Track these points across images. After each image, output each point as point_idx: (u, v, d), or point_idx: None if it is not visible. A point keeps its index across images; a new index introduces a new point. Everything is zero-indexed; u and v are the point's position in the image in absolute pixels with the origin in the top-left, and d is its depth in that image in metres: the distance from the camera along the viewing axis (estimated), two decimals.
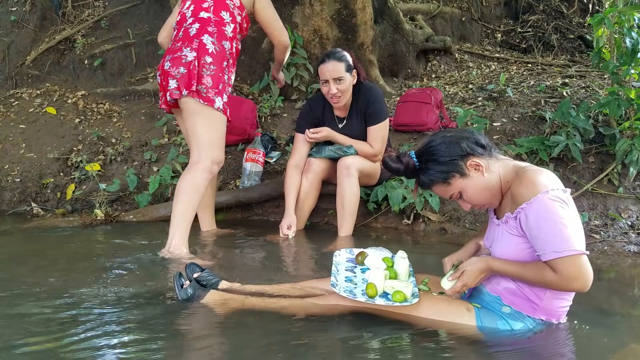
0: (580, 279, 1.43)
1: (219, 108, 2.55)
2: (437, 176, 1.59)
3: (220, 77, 2.56)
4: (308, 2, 4.19)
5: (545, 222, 1.43)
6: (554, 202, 1.44)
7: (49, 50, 4.75)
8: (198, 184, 2.49)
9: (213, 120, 2.55)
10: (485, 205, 1.65)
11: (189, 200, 2.47)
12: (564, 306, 1.61)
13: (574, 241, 1.42)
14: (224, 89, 2.59)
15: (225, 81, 2.60)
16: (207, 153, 2.53)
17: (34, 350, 1.50)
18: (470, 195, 1.60)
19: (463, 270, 1.61)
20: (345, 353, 1.58)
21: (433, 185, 1.62)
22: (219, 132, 2.58)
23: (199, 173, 2.50)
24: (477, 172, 1.58)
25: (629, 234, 2.93)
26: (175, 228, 2.43)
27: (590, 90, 3.98)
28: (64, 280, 2.11)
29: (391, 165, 1.64)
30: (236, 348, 1.61)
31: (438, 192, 1.65)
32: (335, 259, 1.96)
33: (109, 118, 4.18)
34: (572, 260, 1.42)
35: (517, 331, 1.61)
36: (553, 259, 1.43)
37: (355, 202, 2.85)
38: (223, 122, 2.60)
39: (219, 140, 2.59)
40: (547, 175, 1.51)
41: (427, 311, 1.65)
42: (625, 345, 1.70)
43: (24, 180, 3.70)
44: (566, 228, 1.43)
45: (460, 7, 6.13)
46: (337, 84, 2.79)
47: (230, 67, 2.70)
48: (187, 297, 1.79)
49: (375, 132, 2.89)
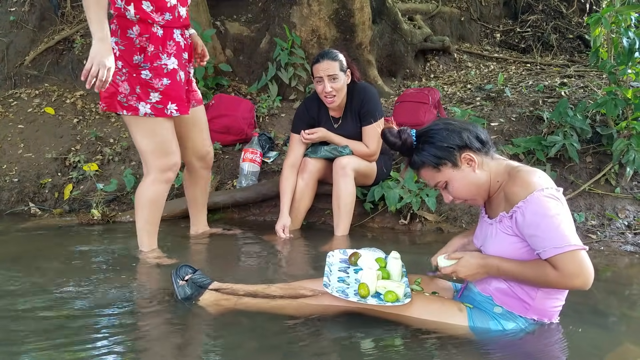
0: (582, 275, 1.42)
1: (147, 114, 2.26)
2: (429, 159, 1.59)
3: (135, 77, 2.24)
4: (306, 2, 4.19)
5: (542, 220, 1.43)
6: (549, 200, 1.44)
7: (48, 50, 4.75)
8: (148, 197, 2.39)
9: (146, 128, 2.30)
10: (467, 201, 1.65)
11: (142, 214, 2.42)
12: (556, 306, 1.61)
13: (572, 237, 1.42)
14: (144, 89, 2.26)
15: (144, 80, 2.25)
16: (151, 164, 2.35)
17: (31, 350, 1.51)
18: (456, 188, 1.60)
19: (461, 257, 1.60)
20: (337, 353, 1.58)
21: (423, 167, 1.62)
22: (157, 138, 2.32)
23: (149, 186, 2.39)
24: (469, 166, 1.58)
25: (626, 234, 2.92)
26: (139, 242, 2.46)
27: (588, 90, 3.97)
28: (61, 280, 2.12)
29: (389, 138, 1.63)
30: (229, 348, 1.62)
31: (425, 177, 1.65)
32: (329, 259, 1.96)
33: (107, 118, 4.19)
34: (573, 255, 1.42)
35: (509, 331, 1.60)
36: (554, 256, 1.42)
37: (351, 201, 2.85)
38: (160, 124, 2.31)
39: (161, 145, 2.33)
40: (540, 175, 1.52)
41: (419, 311, 1.65)
42: (620, 345, 1.70)
43: (21, 180, 3.71)
44: (564, 224, 1.43)
45: (459, 7, 6.12)
46: (332, 82, 2.79)
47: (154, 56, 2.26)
48: (186, 297, 1.80)
49: (370, 131, 2.89)
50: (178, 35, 2.34)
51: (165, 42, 2.28)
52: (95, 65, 2.00)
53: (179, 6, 2.32)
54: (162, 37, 2.27)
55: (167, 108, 2.29)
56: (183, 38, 2.38)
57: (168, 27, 2.29)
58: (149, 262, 2.37)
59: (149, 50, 2.24)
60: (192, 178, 2.75)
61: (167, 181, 2.41)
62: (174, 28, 2.31)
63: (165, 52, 2.28)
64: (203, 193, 2.83)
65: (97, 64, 2.00)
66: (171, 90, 2.30)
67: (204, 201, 2.87)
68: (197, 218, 2.87)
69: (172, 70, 2.30)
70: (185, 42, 2.40)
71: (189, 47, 2.45)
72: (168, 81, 2.29)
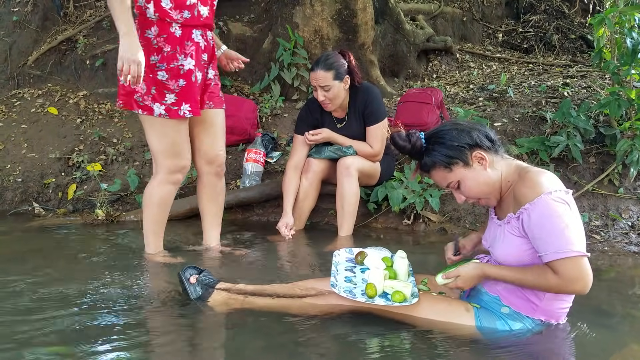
0: (581, 280, 1.43)
1: (161, 114, 2.26)
2: (440, 159, 1.58)
3: (151, 78, 2.24)
4: (309, 3, 4.20)
5: (548, 223, 1.43)
6: (557, 203, 1.44)
7: (51, 50, 4.75)
8: (156, 197, 2.39)
9: (159, 128, 2.30)
10: (480, 201, 1.64)
11: (149, 214, 2.42)
12: (564, 307, 1.61)
13: (576, 243, 1.43)
14: (160, 90, 2.25)
15: (160, 81, 2.25)
16: (161, 163, 2.36)
17: (35, 350, 1.51)
18: (469, 187, 1.60)
19: (458, 274, 1.61)
20: (344, 353, 1.58)
21: (434, 168, 1.61)
22: (169, 138, 2.32)
23: (156, 186, 2.39)
24: (481, 165, 1.58)
25: (630, 234, 2.93)
26: (145, 243, 2.46)
27: (591, 91, 3.97)
28: (65, 280, 2.12)
29: (398, 142, 1.63)
30: (235, 348, 1.62)
31: (436, 178, 1.64)
32: (335, 258, 1.96)
33: (110, 118, 4.19)
34: (574, 261, 1.42)
35: (516, 331, 1.61)
36: (555, 260, 1.43)
37: (355, 202, 2.86)
38: (173, 126, 2.30)
39: (172, 147, 2.33)
40: (549, 176, 1.52)
41: (426, 311, 1.65)
42: (625, 346, 1.70)
43: (25, 180, 3.71)
44: (568, 229, 1.43)
45: (462, 7, 6.11)
46: (324, 92, 2.80)
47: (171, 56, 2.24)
48: (198, 297, 1.80)
49: (374, 132, 2.90)
50: (198, 35, 2.31)
51: (183, 43, 2.26)
52: (125, 64, 2.03)
53: (199, 5, 2.28)
54: (179, 38, 2.25)
55: (180, 109, 2.29)
56: (203, 39, 2.35)
57: (187, 26, 2.26)
58: (155, 262, 2.37)
59: (165, 51, 2.23)
60: (201, 185, 2.61)
61: (174, 183, 2.40)
62: (193, 28, 2.29)
63: (183, 53, 2.26)
64: (212, 204, 2.63)
65: (127, 62, 2.02)
66: (186, 92, 2.28)
67: (214, 214, 2.65)
68: (207, 232, 2.67)
69: (188, 71, 2.28)
70: (205, 43, 2.36)
71: (211, 49, 2.42)
72: (184, 82, 2.28)
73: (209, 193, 2.61)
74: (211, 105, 2.47)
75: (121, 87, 2.28)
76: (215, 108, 2.50)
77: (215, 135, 2.54)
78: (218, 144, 2.56)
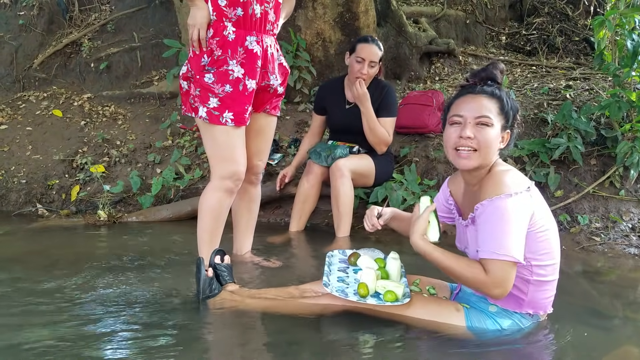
0: (503, 287, 1.47)
1: (202, 117, 2.17)
2: (505, 100, 1.60)
3: (198, 80, 2.18)
4: (311, 5, 4.22)
5: (497, 222, 1.47)
6: (512, 208, 1.46)
7: (56, 53, 4.82)
8: (206, 204, 2.25)
9: (206, 132, 2.23)
10: (470, 153, 1.58)
11: (203, 222, 2.26)
12: (548, 297, 1.64)
13: (514, 249, 1.45)
14: (205, 92, 2.17)
15: (206, 83, 2.17)
16: (213, 168, 2.25)
17: (37, 350, 1.53)
18: (487, 136, 1.56)
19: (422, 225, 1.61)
20: (336, 352, 1.59)
21: (493, 98, 1.59)
22: (217, 142, 2.21)
23: (208, 192, 2.25)
24: (501, 139, 1.61)
25: (630, 236, 2.91)
26: (199, 251, 2.28)
27: (593, 93, 3.96)
28: (67, 280, 2.15)
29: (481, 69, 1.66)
30: (228, 347, 1.64)
31: (479, 104, 1.58)
32: (328, 259, 1.98)
33: (114, 120, 4.24)
34: (505, 266, 1.46)
35: (506, 330, 1.62)
36: (490, 258, 1.47)
37: (349, 202, 2.87)
38: (222, 130, 2.18)
39: (221, 151, 2.21)
40: (512, 175, 1.54)
41: (418, 311, 1.66)
42: (619, 347, 1.70)
43: (29, 181, 3.76)
44: (511, 235, 1.46)
45: (465, 9, 6.12)
46: (370, 68, 2.95)
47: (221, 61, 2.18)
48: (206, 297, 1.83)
49: (387, 123, 3.01)
50: (252, 42, 2.18)
51: (236, 48, 2.16)
52: (190, 30, 2.14)
53: (255, 3, 2.16)
54: (232, 42, 2.16)
55: (222, 116, 2.16)
56: (259, 46, 2.21)
57: (239, 28, 2.16)
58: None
59: (215, 54, 2.15)
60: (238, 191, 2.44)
61: (226, 190, 2.23)
62: (247, 34, 2.17)
63: (235, 59, 2.16)
64: (245, 212, 2.54)
65: (190, 28, 2.14)
66: (231, 99, 2.17)
67: (247, 222, 2.57)
68: (238, 240, 2.58)
69: (236, 79, 2.17)
70: (260, 49, 2.22)
71: (270, 57, 2.28)
72: (230, 88, 2.16)
73: (244, 199, 2.51)
74: (267, 109, 2.38)
75: (181, 91, 2.28)
76: (269, 114, 2.41)
77: (261, 143, 2.44)
78: (261, 153, 2.46)
